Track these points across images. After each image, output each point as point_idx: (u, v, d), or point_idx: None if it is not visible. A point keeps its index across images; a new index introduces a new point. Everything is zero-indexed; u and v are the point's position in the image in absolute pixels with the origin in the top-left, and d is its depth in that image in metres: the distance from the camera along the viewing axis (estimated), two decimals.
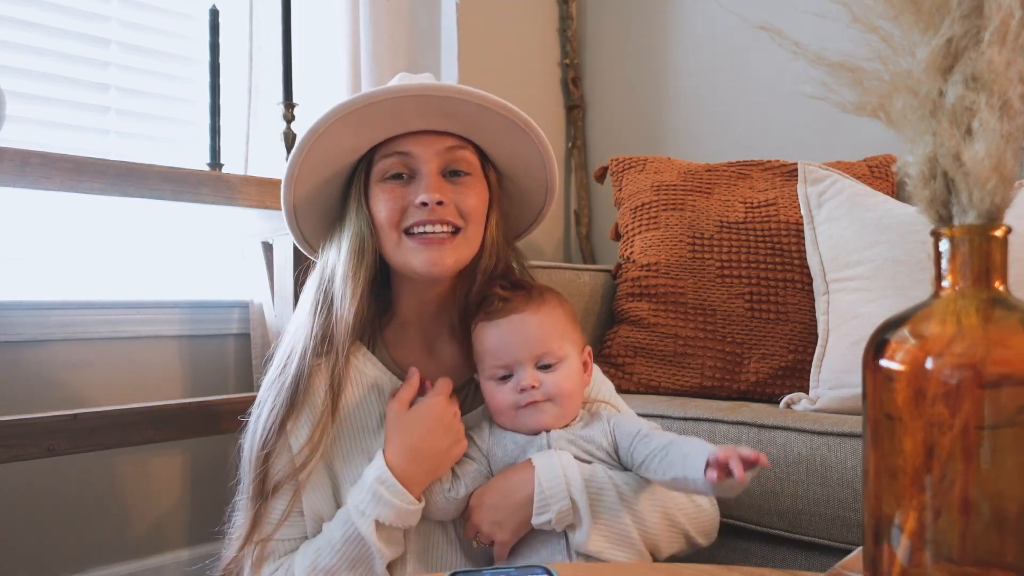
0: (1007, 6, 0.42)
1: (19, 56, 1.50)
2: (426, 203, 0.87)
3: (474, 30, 2.07)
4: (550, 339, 0.88)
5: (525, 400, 0.87)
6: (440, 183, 0.89)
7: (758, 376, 1.45)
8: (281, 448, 0.87)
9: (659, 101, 2.28)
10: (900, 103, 0.46)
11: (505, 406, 0.88)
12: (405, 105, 0.86)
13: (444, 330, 0.98)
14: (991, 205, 0.44)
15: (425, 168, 0.89)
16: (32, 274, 1.52)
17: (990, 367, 0.43)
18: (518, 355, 0.87)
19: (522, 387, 0.87)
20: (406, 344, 0.98)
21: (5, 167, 1.08)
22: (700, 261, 1.55)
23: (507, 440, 0.89)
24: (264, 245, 1.68)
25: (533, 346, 0.87)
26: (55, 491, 1.48)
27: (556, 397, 0.88)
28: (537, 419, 0.88)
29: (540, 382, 0.87)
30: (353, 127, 0.87)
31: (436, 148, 0.90)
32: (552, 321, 0.89)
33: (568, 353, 0.90)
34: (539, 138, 0.93)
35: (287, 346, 0.93)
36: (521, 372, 0.87)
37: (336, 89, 1.77)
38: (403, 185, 0.90)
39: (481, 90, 0.87)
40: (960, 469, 0.43)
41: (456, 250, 0.89)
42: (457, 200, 0.89)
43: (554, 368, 0.88)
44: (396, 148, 0.90)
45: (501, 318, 0.89)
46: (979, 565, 0.44)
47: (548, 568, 0.65)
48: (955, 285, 0.45)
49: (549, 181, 0.98)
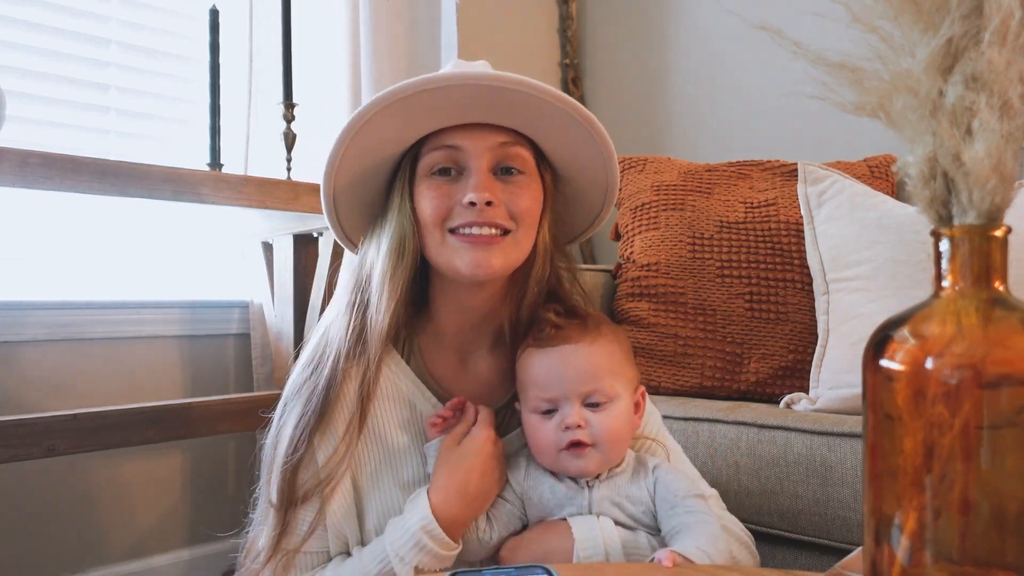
0: (1007, 6, 0.42)
1: (19, 56, 1.50)
2: (474, 203, 0.79)
3: (474, 30, 2.07)
4: (601, 376, 0.81)
5: (567, 440, 0.80)
6: (490, 181, 0.81)
7: (758, 376, 1.45)
8: (309, 458, 0.82)
9: (659, 101, 2.28)
10: (900, 103, 0.46)
11: (546, 444, 0.81)
12: (456, 95, 0.78)
13: (483, 343, 0.92)
14: (991, 205, 0.44)
15: (475, 164, 0.81)
16: (32, 274, 1.52)
17: (990, 367, 0.43)
18: (565, 390, 0.81)
19: (566, 425, 0.80)
20: (439, 354, 0.91)
21: (5, 167, 1.08)
22: (700, 261, 1.55)
23: (545, 488, 0.83)
24: (264, 245, 1.68)
25: (583, 382, 0.81)
26: (55, 491, 1.48)
27: (602, 442, 0.80)
28: (579, 465, 0.81)
29: (587, 422, 0.80)
30: (400, 117, 0.80)
31: (488, 143, 0.82)
32: (606, 356, 0.83)
33: (620, 393, 0.83)
34: (601, 136, 0.84)
35: (318, 345, 0.87)
36: (567, 408, 0.80)
37: (336, 89, 1.78)
38: (451, 182, 0.82)
39: (540, 82, 0.79)
40: (960, 469, 0.43)
41: (504, 252, 0.82)
42: (508, 200, 0.82)
43: (602, 408, 0.81)
44: (445, 141, 0.82)
45: (551, 347, 0.82)
46: (979, 565, 0.44)
47: (548, 568, 0.65)
48: (955, 285, 0.45)
49: (610, 183, 0.90)
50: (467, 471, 0.80)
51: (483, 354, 0.92)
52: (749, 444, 1.19)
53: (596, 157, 0.87)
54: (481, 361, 0.92)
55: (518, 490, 0.84)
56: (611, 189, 0.91)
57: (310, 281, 1.56)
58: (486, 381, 0.91)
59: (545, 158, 0.89)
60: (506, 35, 2.29)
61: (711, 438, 1.24)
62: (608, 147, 0.86)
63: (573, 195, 0.93)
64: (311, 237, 1.59)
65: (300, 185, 1.39)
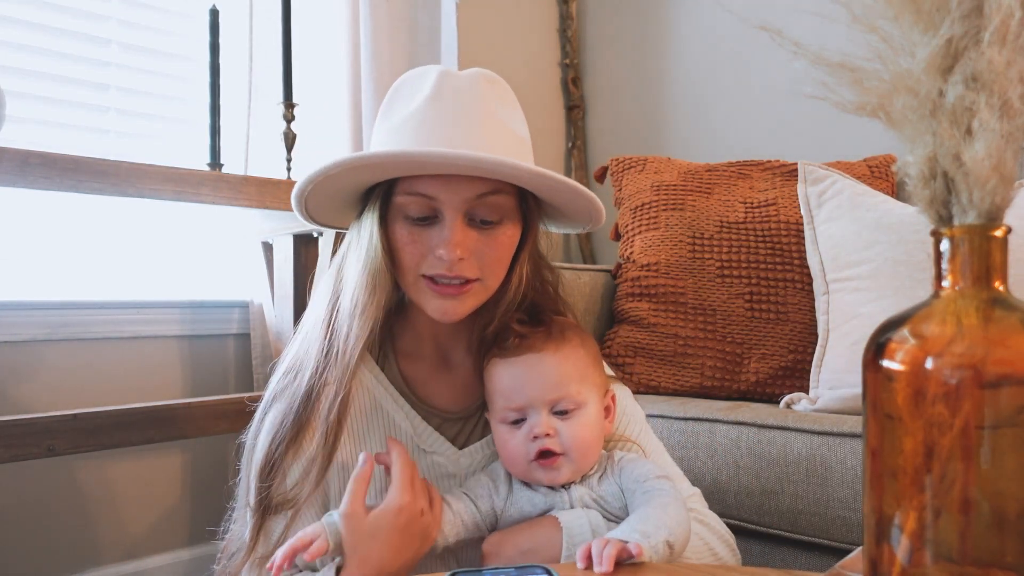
0: (1007, 6, 0.42)
1: (19, 56, 1.50)
2: (444, 259, 0.79)
3: (474, 30, 2.07)
4: (568, 383, 0.80)
5: (536, 449, 0.79)
6: (463, 235, 0.79)
7: (758, 376, 1.45)
8: (282, 472, 0.82)
9: (659, 101, 2.28)
10: (900, 103, 0.46)
11: (516, 455, 0.81)
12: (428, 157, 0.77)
13: (462, 344, 0.92)
14: (991, 205, 0.44)
15: (449, 215, 0.79)
16: (32, 274, 1.52)
17: (990, 367, 0.43)
18: (531, 398, 0.80)
19: (535, 434, 0.79)
20: (420, 356, 0.92)
21: (5, 167, 1.08)
22: (700, 261, 1.55)
23: (524, 502, 0.82)
24: (264, 245, 1.68)
25: (549, 389, 0.80)
26: (55, 491, 1.48)
27: (572, 450, 0.80)
28: (551, 477, 0.80)
29: (555, 430, 0.79)
30: (369, 170, 0.80)
31: (464, 195, 0.79)
32: (572, 363, 0.82)
33: (588, 399, 0.82)
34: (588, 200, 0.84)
35: (298, 353, 0.87)
36: (535, 418, 0.80)
37: (336, 89, 1.78)
38: (426, 227, 0.81)
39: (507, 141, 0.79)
40: (960, 469, 0.43)
41: (472, 297, 0.83)
42: (480, 251, 0.81)
43: (571, 415, 0.80)
44: (419, 189, 0.80)
45: (515, 356, 0.81)
46: (979, 565, 0.44)
47: (548, 568, 0.65)
48: (955, 285, 0.45)
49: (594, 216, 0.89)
50: (381, 548, 0.74)
51: (462, 355, 0.93)
52: (749, 444, 1.19)
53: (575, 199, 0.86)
54: (462, 361, 0.93)
55: (497, 505, 0.82)
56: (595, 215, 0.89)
57: (310, 281, 1.56)
58: (464, 381, 0.92)
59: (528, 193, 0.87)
60: (506, 35, 2.29)
61: (711, 438, 1.24)
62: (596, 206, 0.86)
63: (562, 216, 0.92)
64: (311, 237, 1.59)
65: None
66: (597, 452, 0.84)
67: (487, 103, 0.83)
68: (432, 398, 0.91)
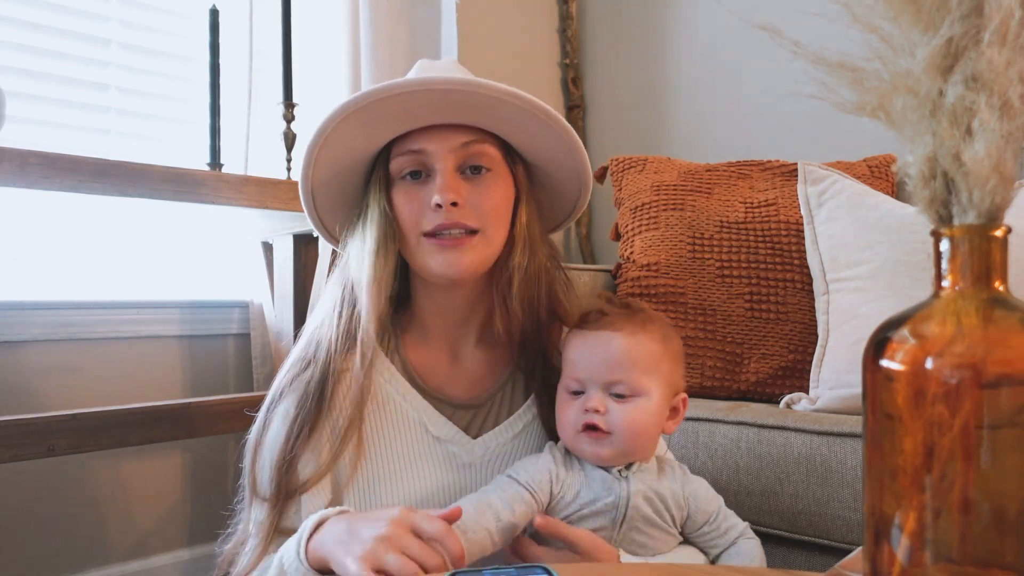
0: (1007, 6, 0.42)
1: (19, 56, 1.50)
2: (440, 205, 0.81)
3: (474, 30, 2.07)
4: (632, 368, 0.81)
5: (584, 421, 0.80)
6: (456, 182, 0.83)
7: (758, 376, 1.45)
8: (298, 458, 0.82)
9: (659, 101, 2.28)
10: (900, 103, 0.46)
11: (567, 422, 0.83)
12: (412, 100, 0.80)
13: (471, 337, 0.93)
14: (991, 205, 0.44)
15: (440, 166, 0.83)
16: (32, 274, 1.52)
17: (990, 367, 0.43)
18: (592, 373, 0.81)
19: (586, 407, 0.80)
20: (428, 350, 0.92)
21: (5, 167, 1.08)
22: (700, 261, 1.55)
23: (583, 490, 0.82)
24: (264, 245, 1.68)
25: (610, 370, 0.81)
26: (55, 491, 1.48)
27: (618, 432, 0.80)
28: (594, 451, 0.81)
29: (606, 408, 0.80)
30: (362, 126, 0.83)
31: (451, 144, 0.84)
32: (642, 350, 0.82)
33: (650, 390, 0.82)
34: (562, 127, 0.85)
35: (307, 345, 0.87)
36: (591, 391, 0.81)
37: (336, 89, 1.77)
38: (421, 185, 0.85)
39: (492, 81, 0.81)
40: (960, 469, 0.43)
41: (473, 250, 0.84)
42: (475, 200, 0.84)
43: (628, 400, 0.81)
44: (409, 145, 0.84)
45: (591, 330, 0.83)
46: (979, 565, 0.44)
47: (548, 568, 0.65)
48: (955, 285, 0.45)
49: (580, 170, 0.91)
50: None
51: (471, 347, 0.93)
52: (749, 444, 1.19)
53: (560, 147, 0.88)
54: (470, 354, 0.93)
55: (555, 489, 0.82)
56: (583, 176, 0.91)
57: (310, 281, 1.56)
58: (474, 373, 0.93)
59: (515, 151, 0.90)
60: (506, 35, 2.29)
61: (711, 438, 1.24)
62: (571, 136, 0.87)
63: (550, 185, 0.94)
64: (311, 237, 1.59)
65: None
66: (649, 443, 0.84)
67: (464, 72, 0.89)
68: (442, 388, 0.91)
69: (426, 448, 0.88)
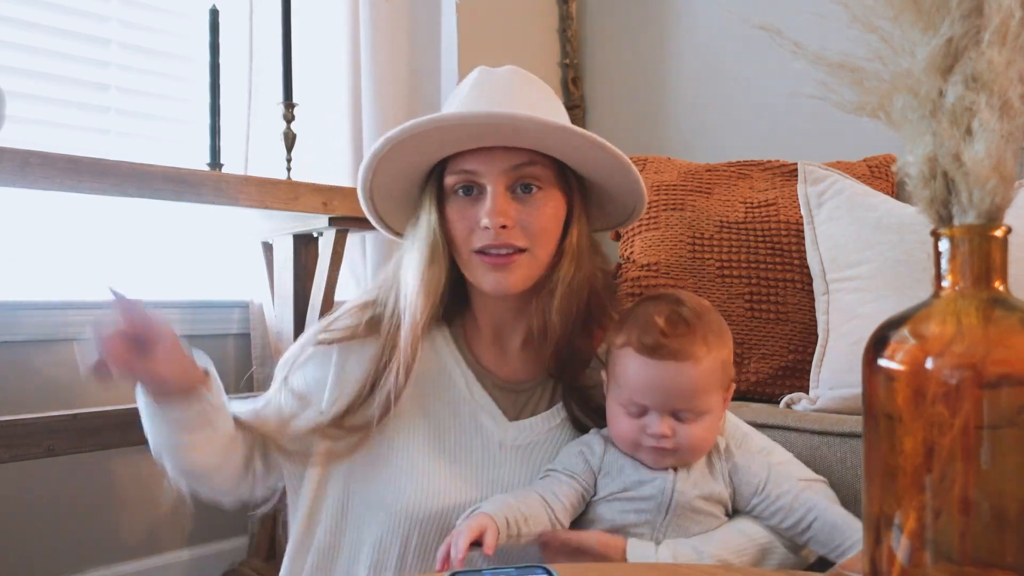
0: (1007, 6, 0.42)
1: (19, 56, 1.51)
2: (488, 228, 0.84)
3: (474, 30, 2.07)
4: (700, 395, 0.80)
5: (651, 446, 0.80)
6: (505, 204, 0.84)
7: (758, 376, 1.45)
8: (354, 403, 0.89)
9: (659, 101, 2.28)
10: (900, 103, 0.46)
11: (627, 436, 0.82)
12: (471, 128, 0.83)
13: (516, 340, 0.95)
14: (991, 205, 0.44)
15: (491, 188, 0.85)
16: (32, 274, 1.52)
17: (990, 367, 0.43)
18: (658, 404, 0.80)
19: (651, 433, 0.80)
20: (480, 342, 0.96)
21: (5, 167, 1.08)
22: (700, 261, 1.55)
23: (626, 462, 0.83)
24: (264, 245, 1.68)
25: (678, 399, 0.79)
26: (55, 491, 1.48)
27: (684, 449, 0.80)
28: (658, 462, 0.81)
29: (673, 431, 0.79)
30: (415, 150, 0.86)
31: (503, 166, 0.85)
32: (708, 374, 0.80)
33: (713, 407, 0.81)
34: (613, 153, 0.86)
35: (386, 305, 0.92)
36: (655, 418, 0.80)
37: (336, 89, 1.78)
38: (473, 202, 0.87)
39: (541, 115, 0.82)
40: (960, 469, 0.43)
41: (521, 269, 0.86)
42: (525, 220, 0.85)
43: (693, 420, 0.80)
44: (462, 165, 0.86)
45: (656, 359, 0.79)
46: (979, 565, 0.44)
47: (548, 568, 0.65)
48: (955, 285, 0.45)
49: (634, 188, 0.92)
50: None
51: (516, 348, 0.96)
52: None
53: (614, 169, 0.89)
54: (514, 354, 0.96)
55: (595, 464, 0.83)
56: (637, 192, 0.92)
57: (310, 281, 1.56)
58: (523, 367, 0.96)
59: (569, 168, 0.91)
60: (506, 35, 2.29)
61: None
62: (621, 160, 0.88)
63: (606, 197, 0.96)
64: (311, 237, 1.59)
65: (300, 185, 1.39)
66: (709, 448, 0.84)
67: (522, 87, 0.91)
68: (489, 367, 0.95)
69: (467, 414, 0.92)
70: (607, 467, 0.83)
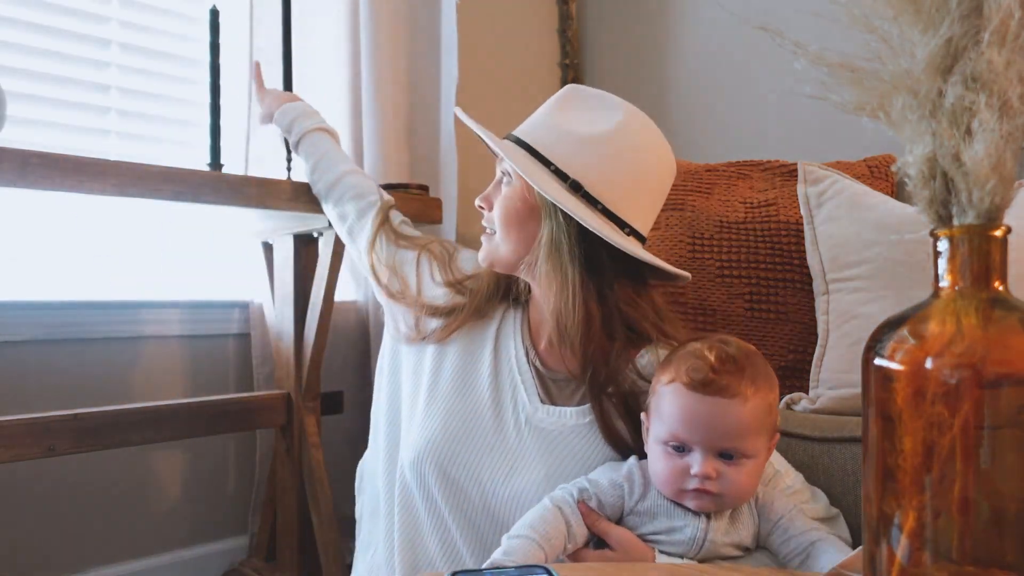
0: (1007, 6, 0.42)
1: (19, 56, 1.50)
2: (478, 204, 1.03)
3: (474, 30, 2.07)
4: (747, 435, 0.78)
5: (695, 487, 0.78)
6: (493, 190, 1.02)
7: None
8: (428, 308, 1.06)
9: (659, 101, 2.28)
10: (900, 103, 0.46)
11: (669, 479, 0.80)
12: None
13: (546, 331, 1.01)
14: (991, 205, 0.44)
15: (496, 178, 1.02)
16: (32, 274, 1.52)
17: (990, 367, 0.43)
18: (704, 441, 0.78)
19: (696, 473, 0.78)
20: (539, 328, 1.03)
21: (5, 167, 1.08)
22: (700, 261, 1.55)
23: (661, 514, 0.81)
24: (264, 245, 1.68)
25: (725, 438, 0.78)
26: (55, 491, 1.48)
27: (728, 495, 0.79)
28: (699, 505, 0.80)
29: (718, 473, 0.78)
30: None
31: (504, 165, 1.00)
32: (755, 415, 0.79)
33: (759, 451, 0.80)
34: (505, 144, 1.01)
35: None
36: (699, 456, 0.78)
37: (336, 89, 1.78)
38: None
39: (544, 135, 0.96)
40: (960, 469, 0.43)
41: (486, 247, 1.02)
42: (497, 204, 1.00)
43: (737, 462, 0.78)
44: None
45: (705, 394, 0.78)
46: (979, 565, 0.44)
47: (548, 568, 0.65)
48: (954, 285, 0.45)
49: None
50: None
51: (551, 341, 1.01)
52: None
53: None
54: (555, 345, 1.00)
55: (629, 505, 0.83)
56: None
57: (310, 281, 1.56)
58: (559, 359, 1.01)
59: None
60: (506, 35, 2.29)
61: None
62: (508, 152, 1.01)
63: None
64: (311, 237, 1.58)
65: (300, 185, 1.39)
66: (751, 497, 0.83)
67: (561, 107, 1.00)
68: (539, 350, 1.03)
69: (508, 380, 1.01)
70: (641, 509, 0.82)
